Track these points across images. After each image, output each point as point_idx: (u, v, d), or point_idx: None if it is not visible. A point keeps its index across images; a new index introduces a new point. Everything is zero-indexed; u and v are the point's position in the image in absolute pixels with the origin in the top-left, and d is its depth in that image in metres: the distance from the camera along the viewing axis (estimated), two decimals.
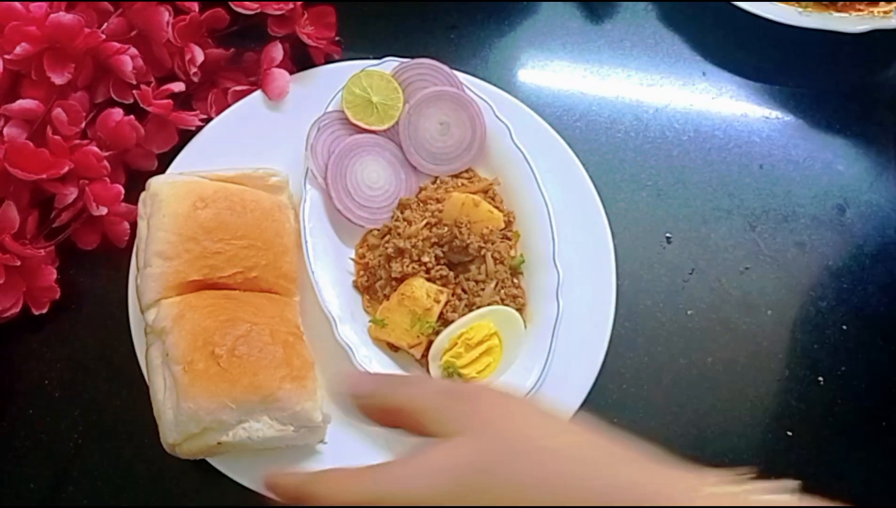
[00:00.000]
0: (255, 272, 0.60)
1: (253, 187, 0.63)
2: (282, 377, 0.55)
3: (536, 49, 0.78)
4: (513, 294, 0.65)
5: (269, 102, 0.70)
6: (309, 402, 0.55)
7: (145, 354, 0.58)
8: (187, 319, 0.56)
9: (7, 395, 0.62)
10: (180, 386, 0.53)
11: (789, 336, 0.69)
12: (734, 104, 0.77)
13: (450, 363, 0.62)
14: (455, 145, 0.68)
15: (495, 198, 0.68)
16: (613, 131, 0.75)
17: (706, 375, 0.67)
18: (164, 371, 0.55)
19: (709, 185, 0.74)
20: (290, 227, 0.63)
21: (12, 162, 0.59)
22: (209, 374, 0.53)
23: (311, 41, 0.70)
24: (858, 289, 0.71)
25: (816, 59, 0.79)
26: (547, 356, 0.62)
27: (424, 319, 0.62)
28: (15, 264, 0.59)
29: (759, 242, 0.72)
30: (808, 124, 0.77)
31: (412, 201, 0.67)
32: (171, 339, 0.55)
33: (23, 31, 0.61)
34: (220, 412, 0.53)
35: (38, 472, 0.61)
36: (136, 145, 0.66)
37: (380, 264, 0.64)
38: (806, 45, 0.78)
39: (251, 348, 0.55)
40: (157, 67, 0.68)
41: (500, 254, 0.65)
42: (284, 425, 0.55)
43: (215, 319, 0.56)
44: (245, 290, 0.60)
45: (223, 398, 0.53)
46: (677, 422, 0.66)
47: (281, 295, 0.61)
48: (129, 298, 0.63)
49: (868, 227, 0.73)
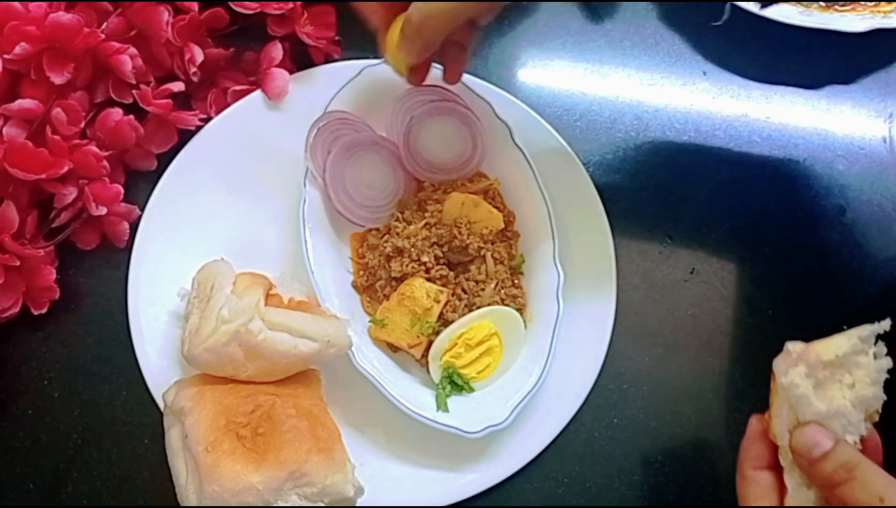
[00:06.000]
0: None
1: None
2: (308, 450, 0.53)
3: (536, 49, 0.78)
4: (513, 294, 0.65)
5: (269, 102, 0.70)
6: (339, 474, 0.53)
7: (164, 437, 0.56)
8: (207, 397, 0.54)
9: (7, 395, 0.62)
10: (203, 469, 0.51)
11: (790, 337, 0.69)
12: (734, 104, 0.77)
13: (450, 364, 0.62)
14: (454, 159, 0.68)
15: (495, 198, 0.68)
16: (613, 131, 0.75)
17: (707, 375, 0.67)
18: (184, 454, 0.54)
19: (709, 185, 0.74)
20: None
21: (12, 162, 0.59)
22: (233, 455, 0.51)
23: (310, 41, 0.70)
24: (859, 289, 0.71)
25: (817, 59, 0.78)
26: (547, 356, 0.62)
27: (424, 319, 0.62)
28: (14, 264, 0.59)
29: (759, 242, 0.72)
30: (808, 125, 0.77)
31: (412, 201, 0.67)
32: (192, 419, 0.53)
33: (22, 30, 0.60)
34: (246, 494, 0.50)
35: (38, 472, 0.61)
36: (136, 145, 0.66)
37: (379, 263, 0.64)
38: (806, 45, 0.78)
39: (275, 423, 0.53)
40: (156, 67, 0.68)
41: (500, 254, 0.65)
42: (315, 502, 0.53)
43: (237, 395, 0.55)
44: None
45: (249, 479, 0.51)
46: (677, 422, 0.66)
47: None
48: (128, 298, 0.63)
49: (868, 227, 0.73)
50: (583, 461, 0.64)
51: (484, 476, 0.61)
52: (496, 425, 0.60)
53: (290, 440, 0.53)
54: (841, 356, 0.47)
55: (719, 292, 0.70)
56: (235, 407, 0.54)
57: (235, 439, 0.52)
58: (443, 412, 0.61)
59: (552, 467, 0.63)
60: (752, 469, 0.50)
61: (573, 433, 0.64)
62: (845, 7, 0.77)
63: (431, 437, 0.60)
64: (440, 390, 0.62)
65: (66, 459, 0.61)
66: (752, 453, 0.50)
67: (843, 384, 0.48)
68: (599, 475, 0.64)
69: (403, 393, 0.60)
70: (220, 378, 0.56)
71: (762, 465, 0.50)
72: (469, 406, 0.62)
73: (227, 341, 0.54)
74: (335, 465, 0.54)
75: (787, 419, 0.48)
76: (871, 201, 0.74)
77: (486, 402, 0.62)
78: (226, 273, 0.58)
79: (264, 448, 0.52)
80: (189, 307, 0.59)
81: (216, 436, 0.52)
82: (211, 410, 0.53)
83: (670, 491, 0.64)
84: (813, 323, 0.70)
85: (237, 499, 0.51)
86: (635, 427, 0.65)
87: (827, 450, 0.46)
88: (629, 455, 0.64)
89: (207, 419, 0.53)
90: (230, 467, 0.51)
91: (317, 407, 0.57)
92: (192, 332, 0.56)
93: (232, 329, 0.54)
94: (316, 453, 0.53)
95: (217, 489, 0.50)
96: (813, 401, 0.47)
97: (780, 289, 0.71)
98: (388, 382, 0.60)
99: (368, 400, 0.61)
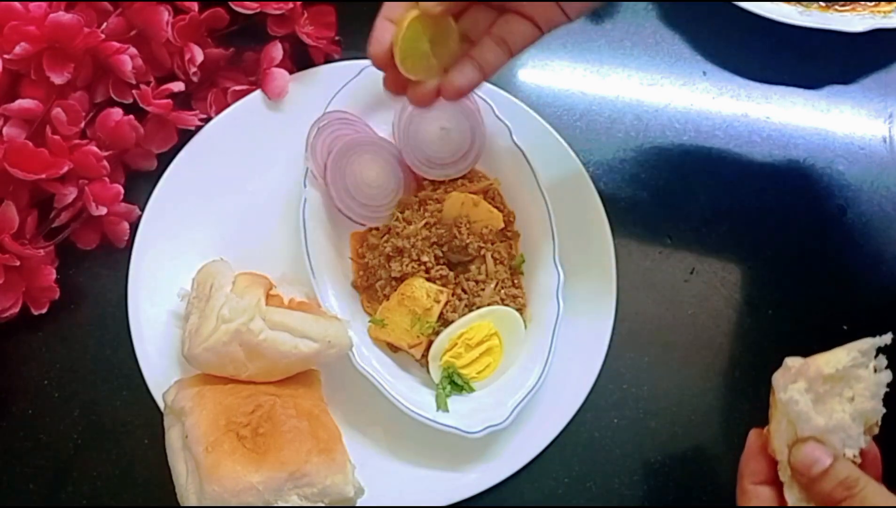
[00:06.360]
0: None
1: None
2: (308, 451, 0.53)
3: (536, 49, 0.78)
4: (513, 294, 0.65)
5: (269, 102, 0.70)
6: (339, 475, 0.53)
7: (164, 437, 0.56)
8: (208, 398, 0.54)
9: (7, 395, 0.62)
10: (203, 469, 0.51)
11: (790, 337, 0.69)
12: (734, 104, 0.77)
13: (450, 364, 0.62)
14: (452, 152, 0.68)
15: (495, 198, 0.68)
16: (613, 131, 0.75)
17: (707, 375, 0.67)
18: (184, 455, 0.54)
19: (709, 185, 0.74)
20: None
21: (12, 162, 0.59)
22: (233, 455, 0.51)
23: (310, 41, 0.70)
24: (859, 289, 0.71)
25: (817, 59, 0.78)
26: (547, 356, 0.62)
27: (424, 319, 0.62)
28: (14, 264, 0.59)
29: (759, 242, 0.72)
30: (808, 124, 0.77)
31: (412, 201, 0.67)
32: (192, 419, 0.53)
33: (22, 30, 0.60)
34: (247, 494, 0.50)
35: (38, 472, 0.61)
36: (136, 145, 0.66)
37: (379, 263, 0.64)
38: (806, 45, 0.78)
39: (275, 424, 0.53)
40: (156, 67, 0.68)
41: (500, 254, 0.65)
42: (315, 502, 0.53)
43: (237, 395, 0.55)
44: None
45: (249, 480, 0.51)
46: (678, 422, 0.66)
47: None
48: (128, 298, 0.63)
49: (868, 227, 0.73)
50: (583, 461, 0.64)
51: (484, 476, 0.61)
52: (496, 425, 0.60)
53: (291, 441, 0.53)
54: (841, 369, 0.47)
55: (719, 292, 0.70)
56: (236, 407, 0.54)
57: (236, 439, 0.52)
58: (443, 412, 0.61)
59: (552, 467, 0.63)
60: (751, 483, 0.50)
61: (573, 433, 0.64)
62: (845, 7, 0.77)
63: (431, 437, 0.60)
64: (440, 390, 0.62)
65: (66, 459, 0.61)
66: (752, 468, 0.50)
67: (842, 398, 0.48)
68: (599, 475, 0.64)
69: (403, 393, 0.60)
70: (221, 378, 0.56)
71: (762, 480, 0.50)
72: (469, 406, 0.62)
73: (227, 340, 0.54)
74: (335, 466, 0.54)
75: (786, 434, 0.48)
76: (871, 201, 0.74)
77: (486, 402, 0.62)
78: (224, 273, 0.58)
79: (265, 449, 0.52)
80: (189, 308, 0.59)
81: (216, 436, 0.52)
82: (211, 410, 0.53)
83: (670, 491, 0.64)
84: (813, 323, 0.70)
85: (237, 499, 0.50)
86: (635, 427, 0.65)
87: (826, 467, 0.46)
88: (629, 455, 0.64)
89: (208, 420, 0.53)
90: (230, 467, 0.51)
91: (317, 408, 0.57)
92: (192, 331, 0.56)
93: (233, 329, 0.54)
94: (316, 453, 0.53)
95: (217, 489, 0.50)
96: (812, 417, 0.47)
97: (780, 289, 0.71)
98: (388, 382, 0.60)
99: (368, 401, 0.61)
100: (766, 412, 0.51)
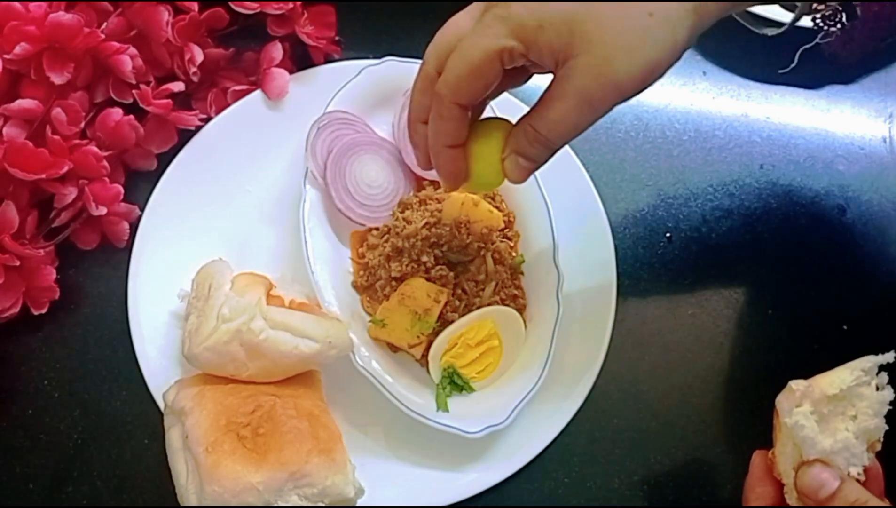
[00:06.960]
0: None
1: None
2: (308, 451, 0.53)
3: None
4: (513, 294, 0.65)
5: (269, 102, 0.70)
6: (339, 475, 0.53)
7: (164, 437, 0.56)
8: (208, 397, 0.54)
9: (7, 395, 0.62)
10: (203, 469, 0.51)
11: (789, 336, 0.69)
12: (734, 104, 0.77)
13: (450, 364, 0.62)
14: None
15: (495, 198, 0.68)
16: (613, 131, 0.75)
17: (707, 375, 0.67)
18: (185, 455, 0.53)
19: (709, 185, 0.74)
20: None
21: (12, 162, 0.59)
22: (234, 455, 0.51)
23: (310, 41, 0.70)
24: (859, 289, 0.71)
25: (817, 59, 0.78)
26: (547, 356, 0.62)
27: (424, 319, 0.62)
28: (14, 264, 0.59)
29: (759, 242, 0.72)
30: (808, 124, 0.77)
31: (412, 201, 0.67)
32: (192, 419, 0.53)
33: (22, 30, 0.60)
34: (247, 494, 0.50)
35: (38, 472, 0.61)
36: (136, 145, 0.66)
37: (379, 263, 0.64)
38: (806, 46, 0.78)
39: (275, 424, 0.53)
40: (156, 67, 0.68)
41: (500, 254, 0.65)
42: (315, 503, 0.53)
43: (237, 395, 0.55)
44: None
45: (249, 480, 0.51)
46: (678, 422, 0.66)
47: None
48: (128, 298, 0.63)
49: (868, 227, 0.73)
50: (583, 461, 0.64)
51: (484, 476, 0.61)
52: (496, 425, 0.59)
53: (291, 441, 0.53)
54: (845, 389, 0.47)
55: (719, 292, 0.70)
56: (236, 407, 0.54)
57: (236, 439, 0.52)
58: (443, 413, 0.61)
59: (552, 467, 0.63)
60: (757, 506, 0.50)
61: (573, 433, 0.64)
62: None
63: (431, 437, 0.60)
64: (440, 390, 0.62)
65: (66, 459, 0.61)
66: (758, 492, 0.50)
67: (845, 416, 0.48)
68: (599, 475, 0.64)
69: (403, 393, 0.60)
70: (221, 378, 0.56)
71: (767, 503, 0.50)
72: (469, 407, 0.62)
73: (228, 339, 0.54)
74: (336, 466, 0.54)
75: (791, 456, 0.48)
76: (871, 201, 0.75)
77: (486, 402, 0.62)
78: (223, 272, 0.58)
79: (265, 449, 0.52)
80: (188, 308, 0.59)
81: (217, 436, 0.52)
82: (211, 410, 0.53)
83: (670, 491, 0.64)
84: (813, 323, 0.70)
85: (237, 500, 0.50)
86: (635, 427, 0.65)
87: (834, 490, 0.46)
88: (629, 455, 0.64)
89: (208, 420, 0.53)
90: (231, 467, 0.51)
91: (317, 408, 0.57)
92: (192, 331, 0.56)
93: (233, 328, 0.54)
94: (316, 454, 0.53)
95: (217, 489, 0.50)
96: (818, 440, 0.47)
97: (781, 289, 0.71)
98: (388, 382, 0.60)
99: (368, 401, 0.61)
100: (766, 413, 0.51)
